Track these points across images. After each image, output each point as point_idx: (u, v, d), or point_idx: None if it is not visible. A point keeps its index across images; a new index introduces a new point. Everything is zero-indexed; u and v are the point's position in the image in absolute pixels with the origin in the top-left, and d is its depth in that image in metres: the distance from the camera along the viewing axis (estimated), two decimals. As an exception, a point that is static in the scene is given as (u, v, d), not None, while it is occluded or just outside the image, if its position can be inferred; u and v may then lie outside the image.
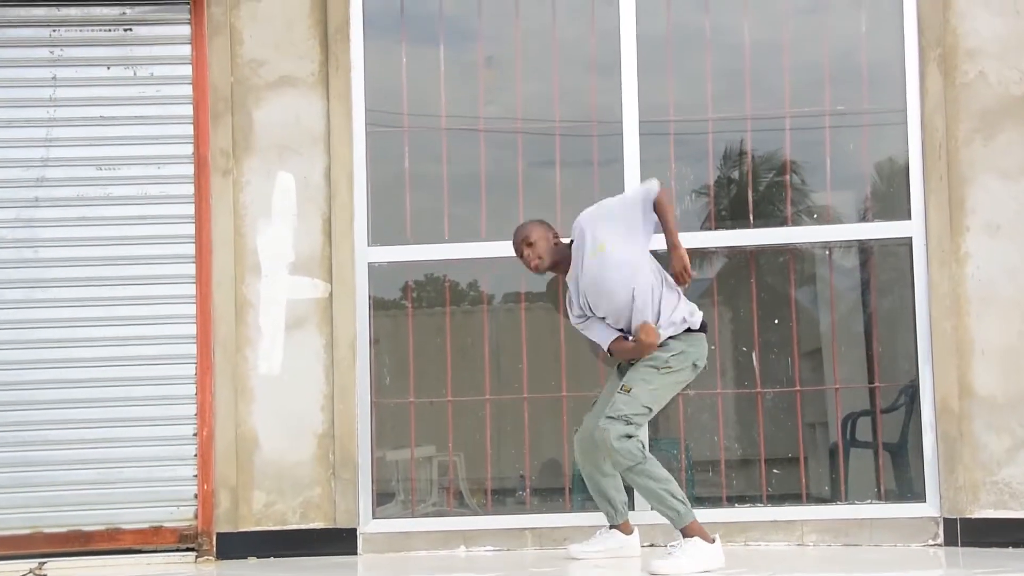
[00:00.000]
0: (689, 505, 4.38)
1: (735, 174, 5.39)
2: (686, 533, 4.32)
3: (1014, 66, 4.89)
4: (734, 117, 5.23)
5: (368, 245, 5.19)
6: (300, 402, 5.11)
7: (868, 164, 5.21)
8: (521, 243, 4.65)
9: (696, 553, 4.26)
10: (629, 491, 4.73)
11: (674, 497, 4.33)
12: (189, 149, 5.20)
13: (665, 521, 4.43)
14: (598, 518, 4.86)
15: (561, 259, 4.65)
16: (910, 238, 4.97)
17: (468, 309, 5.49)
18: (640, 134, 5.08)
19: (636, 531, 4.72)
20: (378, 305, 5.31)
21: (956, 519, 4.80)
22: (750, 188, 5.26)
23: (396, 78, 5.33)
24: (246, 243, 5.17)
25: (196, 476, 5.11)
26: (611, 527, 4.67)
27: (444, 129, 5.33)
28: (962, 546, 4.77)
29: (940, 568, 4.45)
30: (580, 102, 5.28)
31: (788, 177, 5.26)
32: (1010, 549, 4.71)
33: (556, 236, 4.68)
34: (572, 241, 4.62)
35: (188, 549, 5.07)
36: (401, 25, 5.35)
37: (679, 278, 4.44)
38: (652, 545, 4.87)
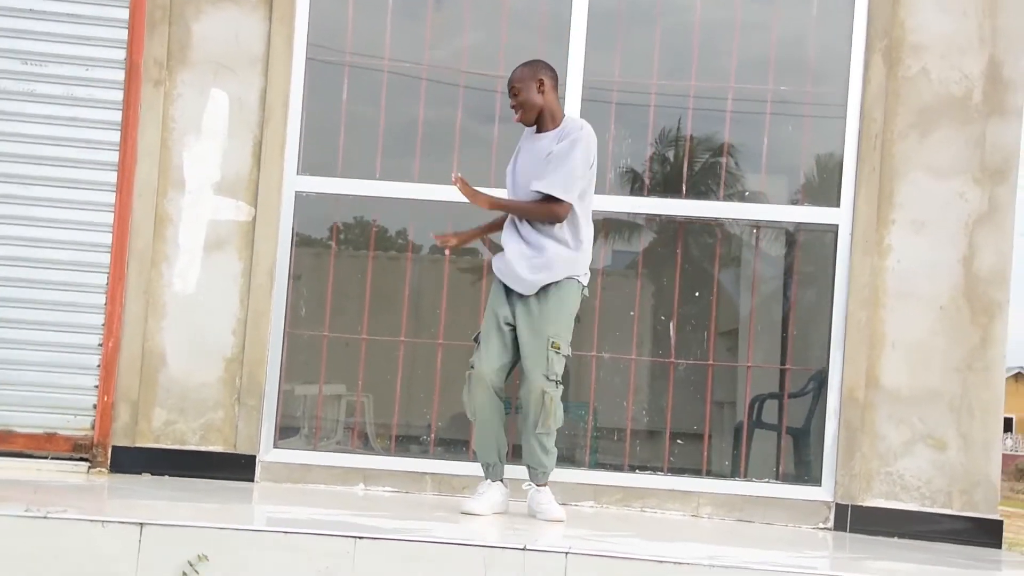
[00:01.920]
0: None
1: (672, 149, 5.41)
2: (541, 484, 4.47)
3: (956, 66, 4.94)
4: (676, 93, 5.23)
5: (297, 173, 5.11)
6: (212, 324, 5.04)
7: (804, 151, 5.25)
8: (508, 87, 4.44)
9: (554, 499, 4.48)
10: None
11: (553, 454, 4.47)
12: (122, 55, 5.07)
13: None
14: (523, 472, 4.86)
15: (544, 118, 4.43)
16: (836, 226, 5.01)
17: (394, 256, 5.45)
18: (582, 99, 5.05)
19: None
20: (302, 239, 5.25)
21: (848, 505, 4.89)
22: (686, 164, 5.27)
23: (343, 9, 5.24)
24: (172, 157, 5.07)
25: (97, 387, 5.03)
26: (494, 481, 4.52)
27: (386, 69, 5.26)
28: (851, 532, 4.86)
29: (826, 550, 4.52)
30: (524, 57, 5.23)
31: (725, 159, 5.28)
32: (896, 539, 4.81)
33: (549, 84, 4.42)
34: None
35: (82, 459, 5.00)
36: (352, -48, 5.26)
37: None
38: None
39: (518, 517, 4.40)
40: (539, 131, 4.47)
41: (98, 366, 5.03)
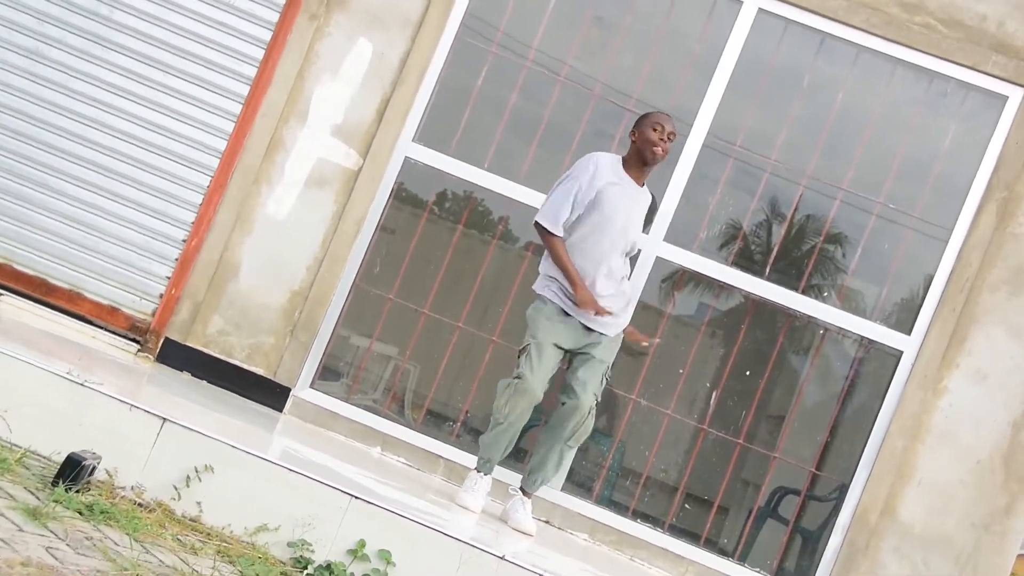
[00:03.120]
0: None
1: (769, 226, 5.43)
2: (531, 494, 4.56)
3: (1066, 238, 4.92)
4: (789, 177, 5.27)
5: (413, 140, 5.27)
6: (291, 254, 5.22)
7: (894, 271, 5.25)
8: (668, 133, 4.50)
9: None
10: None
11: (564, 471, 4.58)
12: (289, -20, 5.27)
13: None
14: (511, 476, 4.98)
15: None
16: (902, 352, 5.02)
17: (484, 239, 5.54)
18: (702, 145, 5.13)
19: None
20: (399, 201, 5.39)
21: (829, 622, 4.91)
22: (777, 246, 5.30)
23: (506, -2, 5.36)
24: (304, 89, 5.26)
25: (168, 278, 5.24)
26: (485, 474, 4.58)
27: (528, 66, 5.38)
28: (827, 649, 4.88)
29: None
30: (662, 93, 5.31)
31: (815, 254, 5.31)
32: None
33: None
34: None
35: (135, 340, 5.21)
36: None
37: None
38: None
39: (504, 523, 4.50)
40: (634, 174, 4.54)
41: (176, 259, 5.24)
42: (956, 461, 4.92)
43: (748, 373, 5.37)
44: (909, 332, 5.03)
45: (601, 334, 4.46)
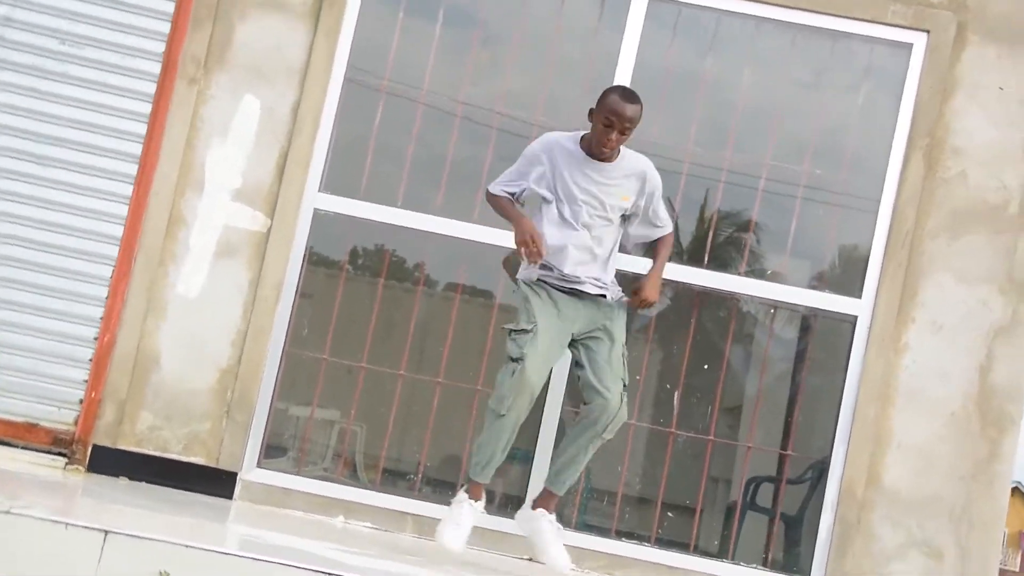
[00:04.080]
0: None
1: (699, 219, 5.35)
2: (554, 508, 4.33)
3: (995, 175, 4.88)
4: (710, 164, 5.17)
5: (319, 190, 5.04)
6: (212, 332, 4.95)
7: (831, 239, 5.18)
8: (622, 120, 4.15)
9: None
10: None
11: None
12: (161, 47, 5.02)
13: None
14: (483, 519, 4.74)
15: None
16: (856, 317, 4.92)
17: (407, 288, 5.37)
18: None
19: None
20: (315, 258, 5.18)
21: (836, 604, 4.77)
22: (711, 235, 5.19)
23: (389, 33, 5.19)
24: (195, 158, 5.01)
25: (86, 381, 4.94)
26: (476, 500, 4.26)
27: (423, 100, 5.20)
28: (836, 631, 4.74)
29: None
30: (562, 112, 5.15)
31: (750, 234, 5.21)
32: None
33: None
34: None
35: (60, 454, 4.89)
36: (405, -17, 5.23)
37: (641, 304, 4.34)
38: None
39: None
40: (599, 158, 4.26)
41: (90, 360, 4.93)
42: (931, 417, 4.82)
43: (706, 367, 5.24)
44: (860, 295, 4.93)
45: (600, 299, 4.25)
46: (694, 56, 5.21)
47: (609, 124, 4.14)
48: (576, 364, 4.32)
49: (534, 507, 4.35)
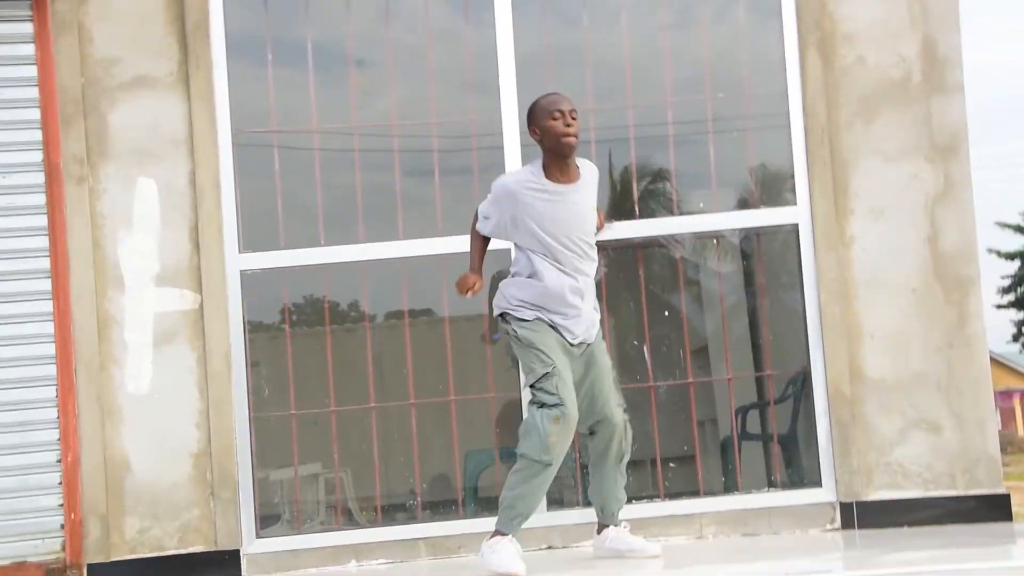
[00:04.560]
0: None
1: (618, 180, 5.33)
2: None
3: (892, 50, 4.92)
4: (615, 125, 5.17)
5: (239, 252, 4.93)
6: (173, 420, 4.83)
7: (752, 160, 5.19)
8: (568, 110, 4.15)
9: None
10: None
11: None
12: (39, 156, 4.87)
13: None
14: (492, 523, 4.72)
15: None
16: (796, 224, 4.94)
17: (350, 327, 5.31)
18: (521, 144, 4.89)
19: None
20: (255, 321, 5.09)
21: (852, 503, 4.79)
22: (635, 190, 5.19)
23: (262, 84, 5.10)
24: (106, 255, 4.86)
25: (62, 505, 4.78)
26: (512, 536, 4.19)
27: (316, 132, 5.13)
28: (859, 528, 4.76)
29: (839, 551, 4.45)
30: (456, 112, 5.18)
31: (673, 180, 5.23)
32: (904, 528, 4.72)
33: None
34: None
35: (56, 585, 4.75)
36: (266, 23, 5.11)
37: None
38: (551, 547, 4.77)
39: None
40: (558, 176, 4.20)
41: (60, 484, 4.78)
42: (894, 301, 4.86)
43: (666, 313, 5.23)
44: (794, 203, 4.95)
45: (587, 344, 4.25)
46: (567, 31, 5.20)
47: (557, 118, 4.12)
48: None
49: (599, 532, 4.40)
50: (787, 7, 4.96)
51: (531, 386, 4.16)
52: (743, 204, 5.25)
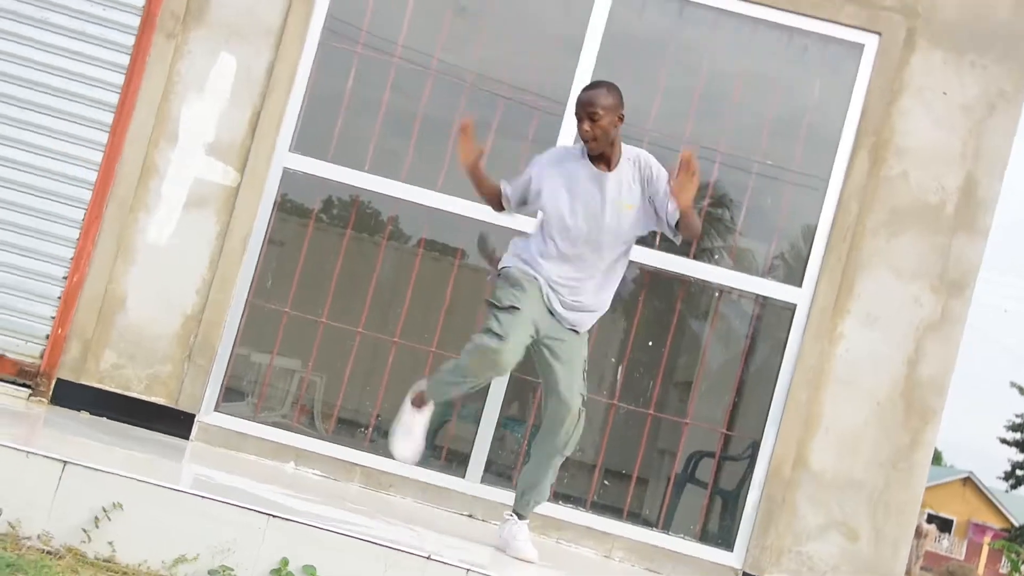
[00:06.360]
0: None
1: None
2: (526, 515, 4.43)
3: (935, 176, 5.06)
4: (667, 146, 5.23)
5: (289, 150, 5.19)
6: (178, 278, 5.12)
7: (779, 226, 5.35)
8: (584, 108, 4.14)
9: None
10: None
11: None
12: (141, 1, 5.15)
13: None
14: (427, 474, 4.98)
15: (613, 152, 4.21)
16: (795, 305, 5.11)
17: (373, 241, 5.51)
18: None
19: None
20: (283, 213, 5.32)
21: None
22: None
23: (365, -4, 5.31)
24: (170, 111, 5.15)
25: (53, 318, 5.09)
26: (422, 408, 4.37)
27: (395, 64, 5.34)
28: (752, 603, 4.96)
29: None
30: (532, 76, 5.32)
31: (702, 217, 5.35)
32: (791, 618, 4.92)
33: (622, 117, 4.20)
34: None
35: (24, 385, 5.05)
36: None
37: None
38: (472, 516, 5.03)
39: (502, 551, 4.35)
40: (598, 162, 4.24)
41: (58, 298, 5.09)
42: (859, 404, 5.04)
43: (651, 343, 5.43)
44: (800, 284, 5.12)
45: (572, 330, 4.29)
46: (657, 40, 5.35)
47: (579, 118, 4.20)
48: (541, 366, 4.30)
49: (508, 514, 4.45)
50: (855, 102, 5.11)
51: (489, 306, 4.13)
52: (758, 266, 5.39)
